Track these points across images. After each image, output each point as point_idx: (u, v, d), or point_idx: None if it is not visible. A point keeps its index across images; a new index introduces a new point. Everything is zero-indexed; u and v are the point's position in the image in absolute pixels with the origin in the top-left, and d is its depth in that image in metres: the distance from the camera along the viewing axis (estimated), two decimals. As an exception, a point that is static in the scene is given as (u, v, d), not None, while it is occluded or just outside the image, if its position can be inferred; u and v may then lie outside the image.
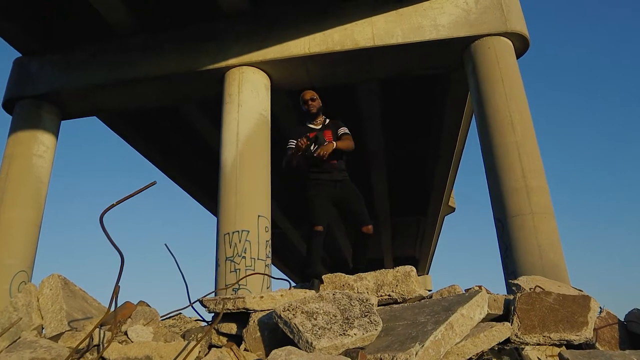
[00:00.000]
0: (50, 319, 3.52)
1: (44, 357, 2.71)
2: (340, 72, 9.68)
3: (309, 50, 9.12)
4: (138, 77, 9.89)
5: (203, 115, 12.48)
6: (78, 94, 10.36)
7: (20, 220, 9.58)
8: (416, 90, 12.16)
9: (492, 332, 2.95)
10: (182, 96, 10.58)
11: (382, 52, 9.11)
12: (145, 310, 3.34)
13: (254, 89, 9.23)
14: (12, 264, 9.27)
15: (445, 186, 17.80)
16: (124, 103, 10.78)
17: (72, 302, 3.70)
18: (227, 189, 8.44)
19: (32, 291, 3.68)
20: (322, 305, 2.90)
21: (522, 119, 8.15)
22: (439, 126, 13.51)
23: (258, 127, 9.01)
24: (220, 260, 8.04)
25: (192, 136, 13.87)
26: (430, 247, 26.90)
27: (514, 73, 8.56)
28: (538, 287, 3.89)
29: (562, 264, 7.33)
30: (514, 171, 7.79)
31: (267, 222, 8.40)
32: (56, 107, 10.63)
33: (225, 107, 9.18)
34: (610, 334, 3.63)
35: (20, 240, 9.49)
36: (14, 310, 3.59)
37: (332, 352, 2.61)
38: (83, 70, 10.24)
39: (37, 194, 10.00)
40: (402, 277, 3.65)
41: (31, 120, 10.28)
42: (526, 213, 7.49)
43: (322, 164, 4.26)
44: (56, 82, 10.29)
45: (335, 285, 3.74)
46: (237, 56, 9.39)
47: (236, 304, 3.01)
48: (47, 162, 10.31)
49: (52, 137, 10.55)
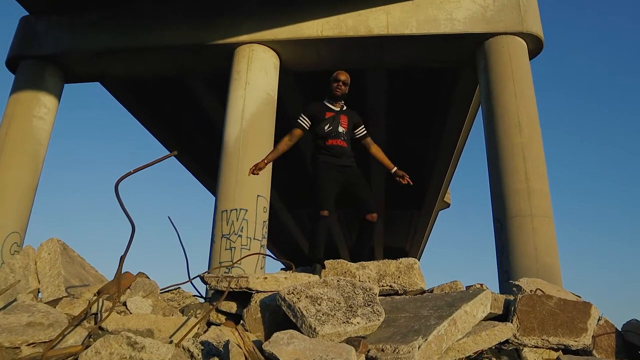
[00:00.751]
0: (47, 283, 3.48)
1: (41, 322, 2.67)
2: (351, 58, 9.59)
3: (321, 33, 9.01)
4: (146, 45, 9.75)
5: (209, 92, 12.35)
6: (84, 58, 10.23)
7: (16, 181, 9.48)
8: (423, 85, 12.08)
9: (494, 332, 2.94)
10: (189, 69, 10.46)
11: (395, 42, 9.03)
12: (145, 282, 3.30)
13: (263, 68, 9.13)
14: (5, 224, 9.20)
15: (443, 182, 17.81)
16: (130, 70, 10.65)
17: (70, 268, 3.66)
18: (229, 167, 8.39)
19: (30, 254, 3.63)
20: (327, 291, 2.87)
21: (529, 121, 8.12)
22: (442, 122, 13.46)
23: (264, 107, 8.92)
24: (215, 237, 8.01)
25: (196, 112, 13.75)
26: (421, 240, 26.99)
27: (525, 74, 8.50)
28: (539, 290, 3.89)
29: (557, 268, 7.35)
30: (518, 173, 7.77)
31: (265, 202, 8.36)
32: (60, 69, 10.48)
33: (232, 83, 9.08)
34: (607, 343, 3.62)
35: (15, 201, 9.40)
36: (11, 272, 3.54)
37: (334, 339, 2.59)
38: (91, 34, 10.08)
39: (36, 156, 9.90)
40: (405, 269, 3.62)
41: (34, 81, 10.14)
42: (526, 215, 7.49)
43: (333, 148, 4.19)
44: (62, 43, 10.14)
45: (337, 271, 3.71)
46: (248, 33, 9.27)
47: (239, 283, 2.97)
48: (48, 125, 10.19)
49: (54, 99, 10.41)
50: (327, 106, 4.34)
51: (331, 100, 4.35)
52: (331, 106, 4.34)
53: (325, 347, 2.39)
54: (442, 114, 13.13)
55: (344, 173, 4.18)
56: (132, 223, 2.02)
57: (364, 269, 3.66)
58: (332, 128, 4.18)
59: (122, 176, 1.83)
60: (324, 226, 3.93)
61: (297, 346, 2.37)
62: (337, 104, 4.36)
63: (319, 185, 4.05)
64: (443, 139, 14.30)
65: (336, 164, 4.15)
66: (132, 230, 2.03)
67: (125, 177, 1.83)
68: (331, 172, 4.11)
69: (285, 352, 2.31)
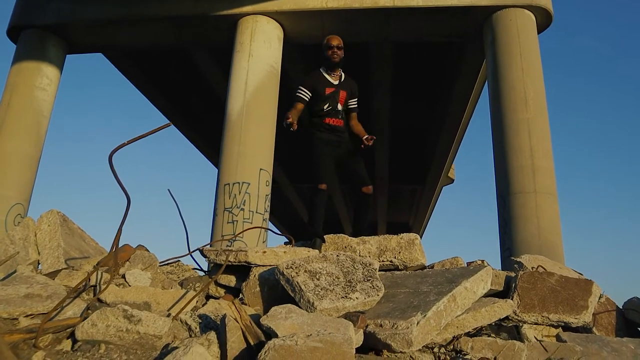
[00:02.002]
0: (47, 255, 3.48)
1: (39, 294, 2.67)
2: (356, 30, 9.42)
3: (326, 4, 8.84)
4: (149, 16, 9.60)
5: (213, 64, 12.20)
6: (86, 28, 10.09)
7: (19, 152, 9.45)
8: (429, 60, 11.90)
9: (493, 308, 2.92)
10: (193, 40, 10.32)
11: (401, 14, 8.85)
12: (144, 254, 3.29)
13: (267, 40, 8.99)
14: (9, 195, 9.20)
15: (447, 157, 17.69)
16: (132, 41, 10.50)
17: (70, 240, 3.65)
18: (231, 139, 8.33)
19: (30, 225, 3.62)
20: (326, 266, 2.85)
21: (536, 97, 7.99)
22: (447, 98, 13.30)
23: (267, 79, 8.82)
24: (218, 210, 8.01)
25: (200, 84, 13.62)
26: (425, 215, 26.99)
27: (533, 49, 8.35)
28: (541, 267, 3.87)
29: (559, 246, 7.33)
30: (522, 149, 7.69)
31: (268, 176, 8.33)
32: (63, 39, 10.35)
33: (235, 55, 8.96)
34: (607, 320, 3.62)
35: (18, 172, 9.39)
36: (11, 243, 3.54)
37: (332, 314, 2.58)
38: (93, 4, 9.90)
39: (38, 126, 9.85)
40: (406, 244, 3.60)
41: (36, 51, 10.02)
42: (530, 192, 7.43)
43: (330, 126, 4.17)
44: (64, 13, 9.98)
45: (337, 246, 3.70)
46: (252, 4, 9.09)
47: (238, 257, 2.96)
48: (50, 96, 10.12)
49: (57, 70, 10.31)
50: (327, 79, 4.24)
51: (329, 71, 4.26)
52: (330, 79, 4.24)
53: (323, 321, 2.38)
54: (447, 88, 12.96)
55: (340, 148, 4.22)
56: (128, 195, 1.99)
57: (364, 244, 3.64)
58: (331, 107, 4.15)
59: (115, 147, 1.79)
60: (323, 200, 3.93)
61: (295, 320, 2.36)
62: (335, 74, 4.28)
63: (317, 161, 4.06)
64: (447, 114, 14.15)
65: (332, 139, 4.18)
66: (128, 203, 2.00)
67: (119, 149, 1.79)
68: (328, 148, 4.15)
69: (283, 326, 2.30)
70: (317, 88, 4.21)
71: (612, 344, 3.04)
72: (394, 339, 2.42)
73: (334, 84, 4.24)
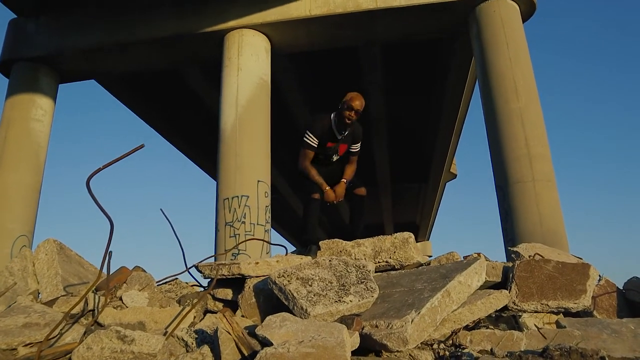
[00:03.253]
0: (46, 283, 3.51)
1: (37, 322, 2.70)
2: (342, 35, 9.47)
3: (310, 12, 8.89)
4: (137, 39, 9.70)
5: (204, 79, 12.29)
6: (76, 56, 10.19)
7: (20, 184, 9.55)
8: (419, 57, 11.94)
9: (489, 300, 2.92)
10: (181, 59, 10.41)
11: (385, 15, 8.89)
12: (141, 275, 3.32)
13: (254, 52, 9.05)
14: (13, 227, 9.29)
15: (447, 153, 17.71)
16: (122, 65, 10.60)
17: (67, 266, 3.68)
18: (227, 154, 8.37)
19: (28, 256, 3.66)
20: (318, 272, 2.86)
21: (526, 85, 8.01)
22: (441, 93, 13.33)
23: (258, 91, 8.87)
24: (219, 226, 8.04)
25: (193, 100, 13.70)
26: (431, 213, 26.96)
27: (519, 37, 8.36)
28: (537, 255, 3.86)
29: (562, 232, 7.32)
30: (517, 138, 7.69)
31: (266, 187, 8.36)
32: (54, 69, 10.47)
33: (224, 70, 9.03)
34: (608, 302, 3.61)
35: (20, 204, 9.49)
36: (10, 275, 3.58)
37: (327, 318, 2.59)
38: (81, 32, 10.03)
39: (37, 158, 9.94)
40: (400, 243, 3.61)
41: (28, 83, 10.14)
42: (528, 180, 7.43)
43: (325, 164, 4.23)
44: (53, 44, 10.10)
45: (332, 251, 3.71)
46: (236, 18, 9.17)
47: (231, 269, 2.98)
48: (46, 127, 10.22)
49: (50, 100, 10.42)
50: (333, 133, 4.08)
51: (338, 127, 4.06)
52: (336, 133, 4.08)
53: (317, 327, 2.39)
54: (440, 84, 13.00)
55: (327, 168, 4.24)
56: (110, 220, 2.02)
57: (359, 247, 3.65)
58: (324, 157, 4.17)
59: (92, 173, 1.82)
60: (315, 208, 3.96)
61: (290, 328, 2.37)
62: (342, 132, 4.11)
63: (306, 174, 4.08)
64: (443, 109, 14.18)
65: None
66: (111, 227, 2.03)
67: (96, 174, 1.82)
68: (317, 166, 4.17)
69: (277, 335, 2.32)
70: (322, 137, 4.09)
71: (612, 326, 3.03)
72: (389, 339, 2.42)
73: (337, 138, 4.12)
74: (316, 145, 4.06)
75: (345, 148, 4.19)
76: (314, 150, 4.09)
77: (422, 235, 32.00)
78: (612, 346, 2.79)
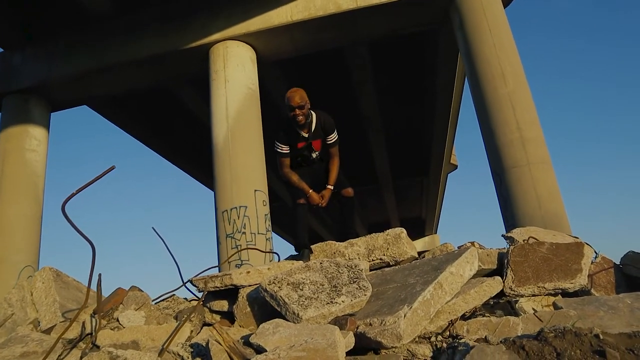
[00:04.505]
0: (44, 311, 3.53)
1: (35, 351, 2.71)
2: (326, 38, 9.50)
3: (291, 18, 8.92)
4: (123, 61, 9.74)
5: (196, 93, 12.32)
6: (64, 84, 10.25)
7: (20, 216, 9.60)
8: (407, 52, 11.95)
9: (482, 288, 2.92)
10: (170, 76, 10.45)
11: (367, 13, 8.91)
12: (137, 295, 3.33)
13: (240, 63, 9.08)
14: (17, 259, 9.33)
15: (445, 144, 17.68)
16: (112, 88, 10.65)
17: (65, 293, 3.70)
18: (222, 166, 8.40)
19: (25, 286, 3.68)
20: (309, 275, 2.87)
21: (513, 70, 7.99)
22: (432, 85, 13.33)
23: (247, 102, 8.89)
24: (220, 238, 8.05)
25: (186, 115, 13.74)
26: (435, 206, 26.90)
27: (501, 22, 8.36)
28: (532, 238, 3.86)
29: (562, 213, 7.29)
30: (508, 123, 7.68)
31: (264, 196, 8.37)
32: (44, 99, 10.53)
33: (212, 83, 9.06)
34: (606, 279, 3.60)
35: (22, 236, 9.53)
36: (9, 306, 3.60)
37: (320, 321, 2.59)
38: (67, 59, 10.10)
39: (35, 188, 10.00)
40: (393, 239, 3.61)
41: (20, 115, 10.20)
42: (523, 164, 7.42)
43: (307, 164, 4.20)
44: (41, 73, 10.16)
45: (326, 253, 3.72)
46: (220, 31, 9.21)
47: (223, 281, 2.99)
48: (41, 156, 10.27)
49: (44, 130, 10.48)
50: (299, 134, 4.09)
51: (298, 128, 4.07)
52: (302, 133, 4.08)
53: (309, 330, 2.40)
54: (430, 79, 12.99)
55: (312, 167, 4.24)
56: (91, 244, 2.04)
57: (352, 247, 3.66)
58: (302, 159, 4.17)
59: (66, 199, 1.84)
60: (303, 213, 3.97)
61: (283, 334, 2.38)
62: (305, 129, 4.10)
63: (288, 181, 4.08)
64: (436, 101, 14.18)
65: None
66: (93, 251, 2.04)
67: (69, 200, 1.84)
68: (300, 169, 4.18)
69: (271, 342, 2.33)
70: (291, 143, 4.11)
71: (609, 302, 3.02)
72: (383, 336, 2.43)
73: (305, 137, 4.11)
74: (288, 151, 4.08)
75: (319, 143, 4.15)
76: (288, 157, 4.11)
77: (429, 229, 31.91)
78: (609, 322, 2.78)
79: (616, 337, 2.25)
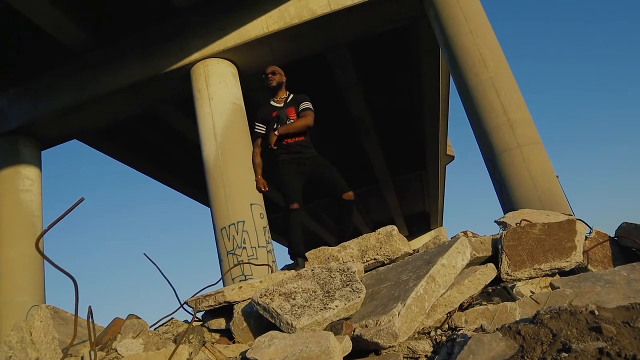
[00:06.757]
0: (45, 350, 3.51)
1: (35, 391, 2.70)
2: (305, 45, 9.52)
3: (267, 29, 8.94)
4: (106, 92, 9.78)
5: (183, 115, 12.35)
6: (51, 120, 10.28)
7: (22, 257, 9.60)
8: (389, 48, 11.97)
9: (476, 277, 2.90)
10: (154, 101, 10.47)
11: (341, 16, 8.94)
12: (134, 322, 3.31)
13: (222, 80, 9.10)
14: (24, 300, 9.32)
15: (439, 136, 17.68)
16: (98, 119, 10.69)
17: (64, 329, 3.68)
18: (215, 184, 8.39)
19: (23, 327, 3.66)
20: (301, 284, 2.85)
21: (493, 55, 7.99)
22: (418, 78, 13.35)
23: (233, 117, 8.90)
24: (222, 255, 8.03)
25: (174, 137, 13.77)
26: (438, 198, 26.86)
27: (476, 9, 8.36)
28: (524, 221, 3.84)
29: (558, 191, 7.27)
30: (494, 108, 7.67)
31: (261, 208, 8.35)
32: (33, 138, 10.57)
33: (196, 103, 9.07)
34: (602, 253, 3.58)
35: (26, 276, 9.53)
36: (9, 349, 3.58)
37: (315, 328, 2.57)
38: (51, 96, 10.13)
39: (33, 227, 9.99)
40: (385, 238, 3.59)
41: (10, 157, 10.23)
42: (513, 147, 7.40)
43: (289, 146, 4.14)
44: (26, 113, 10.19)
45: (320, 259, 3.70)
46: (198, 50, 9.24)
47: (217, 299, 2.98)
48: (36, 195, 10.28)
49: (35, 169, 10.50)
50: (272, 105, 4.34)
51: (272, 96, 4.38)
52: (275, 104, 4.34)
53: (304, 339, 2.38)
54: (415, 69, 13.00)
55: (306, 165, 4.13)
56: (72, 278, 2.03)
57: (345, 250, 3.64)
58: (278, 122, 4.13)
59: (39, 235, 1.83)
60: (297, 219, 3.92)
61: (278, 345, 2.36)
62: (278, 98, 4.36)
63: (283, 181, 4.03)
64: (424, 93, 14.19)
65: (295, 158, 4.11)
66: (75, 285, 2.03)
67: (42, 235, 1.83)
68: (291, 166, 4.08)
69: (267, 354, 2.31)
70: (266, 116, 4.29)
71: (605, 277, 3.00)
72: (379, 336, 2.41)
73: (278, 106, 4.30)
74: (263, 129, 4.28)
75: (293, 110, 4.27)
76: (261, 136, 4.30)
77: (434, 222, 31.81)
78: (606, 297, 2.76)
79: (614, 312, 2.23)
